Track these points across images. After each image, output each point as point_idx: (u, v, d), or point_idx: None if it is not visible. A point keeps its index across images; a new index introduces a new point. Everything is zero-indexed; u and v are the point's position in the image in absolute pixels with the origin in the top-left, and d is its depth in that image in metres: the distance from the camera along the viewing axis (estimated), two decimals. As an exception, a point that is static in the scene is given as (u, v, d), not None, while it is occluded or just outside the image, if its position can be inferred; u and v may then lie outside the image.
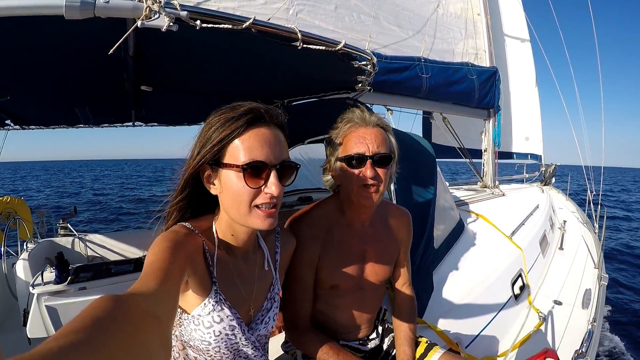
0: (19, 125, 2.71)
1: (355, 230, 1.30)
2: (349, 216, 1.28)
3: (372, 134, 1.15)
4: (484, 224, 2.94)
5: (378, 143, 1.14)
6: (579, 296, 2.85)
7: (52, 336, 0.37)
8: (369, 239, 1.31)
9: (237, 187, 0.81)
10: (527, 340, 2.17)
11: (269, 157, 0.82)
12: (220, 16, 0.90)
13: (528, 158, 5.89)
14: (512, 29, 5.56)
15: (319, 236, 1.24)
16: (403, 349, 1.32)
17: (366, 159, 1.13)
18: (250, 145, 0.81)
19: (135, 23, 0.86)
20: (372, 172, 1.13)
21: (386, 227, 1.36)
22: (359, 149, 1.14)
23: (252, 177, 0.81)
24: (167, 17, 0.85)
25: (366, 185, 1.14)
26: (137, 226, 11.33)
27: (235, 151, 0.81)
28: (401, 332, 1.36)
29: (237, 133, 0.81)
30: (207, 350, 0.92)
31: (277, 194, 0.82)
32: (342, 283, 1.28)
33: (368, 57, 1.35)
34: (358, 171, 1.14)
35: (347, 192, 1.20)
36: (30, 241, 2.81)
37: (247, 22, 0.92)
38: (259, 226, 0.84)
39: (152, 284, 0.62)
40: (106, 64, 1.57)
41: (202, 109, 2.82)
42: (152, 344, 0.48)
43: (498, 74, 4.13)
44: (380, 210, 1.35)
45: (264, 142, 0.82)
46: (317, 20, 3.00)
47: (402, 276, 1.44)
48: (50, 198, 19.78)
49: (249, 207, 0.83)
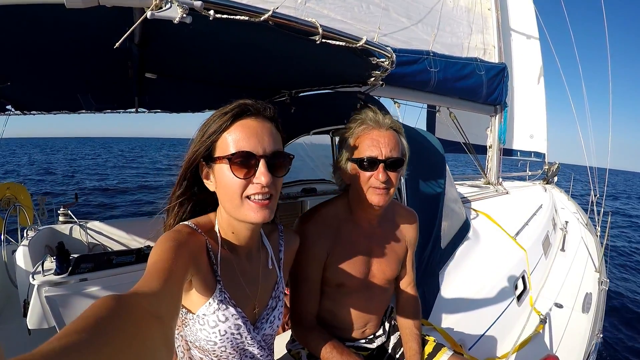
0: (19, 111, 2.66)
1: (363, 229, 1.31)
2: (358, 215, 1.29)
3: (386, 137, 1.16)
4: (489, 223, 2.93)
5: (391, 147, 1.15)
6: (580, 300, 2.85)
7: (54, 336, 0.37)
8: (376, 239, 1.32)
9: (227, 178, 0.82)
10: (528, 342, 2.17)
11: (256, 147, 0.82)
12: (236, 7, 0.85)
13: (532, 156, 5.87)
14: (521, 25, 5.49)
15: (328, 235, 1.25)
16: (410, 345, 1.34)
17: (378, 162, 1.14)
18: (237, 138, 0.82)
19: (144, 14, 0.80)
20: (384, 176, 1.14)
21: (394, 227, 1.38)
22: (371, 152, 1.15)
23: (239, 167, 0.81)
24: (180, 8, 0.79)
25: (377, 187, 1.16)
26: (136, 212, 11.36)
27: (224, 144, 0.83)
28: (406, 329, 1.38)
29: (225, 127, 0.83)
30: (213, 351, 0.92)
31: (266, 183, 0.82)
32: (348, 281, 1.28)
33: (388, 55, 1.30)
34: (369, 174, 1.16)
35: (357, 192, 1.21)
36: (30, 228, 2.79)
37: (265, 14, 0.86)
38: (252, 219, 0.84)
39: (155, 283, 0.62)
40: (110, 52, 1.51)
41: (207, 97, 2.78)
42: (154, 343, 0.48)
43: (507, 70, 4.08)
44: (388, 210, 1.36)
45: (251, 133, 0.83)
46: (326, 10, 2.93)
47: (407, 276, 1.45)
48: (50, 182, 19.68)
49: (241, 198, 0.83)
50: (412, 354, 1.31)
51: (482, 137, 4.60)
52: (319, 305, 1.31)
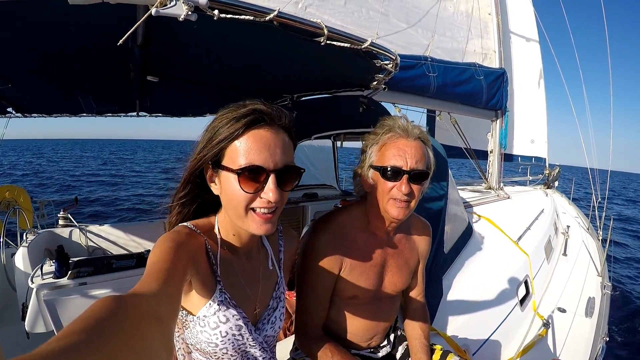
0: (20, 113, 2.65)
1: (378, 239, 1.27)
2: (374, 225, 1.25)
3: (413, 147, 1.11)
4: (491, 227, 2.92)
5: (417, 158, 1.10)
6: (582, 304, 2.84)
7: (54, 337, 0.37)
8: (391, 250, 1.29)
9: (233, 190, 0.80)
10: (532, 347, 2.16)
11: (267, 161, 0.78)
12: (241, 6, 0.84)
13: (532, 161, 5.87)
14: (520, 28, 5.51)
15: (343, 245, 1.20)
16: (419, 356, 1.31)
17: (403, 173, 1.09)
18: (248, 149, 0.78)
19: (149, 10, 0.79)
20: (407, 189, 1.09)
21: (408, 238, 1.34)
22: (396, 161, 1.10)
23: (248, 182, 0.78)
24: (186, 5, 0.78)
25: (398, 199, 1.11)
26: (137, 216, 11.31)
27: (233, 154, 0.79)
28: (416, 340, 1.35)
29: (236, 135, 0.78)
30: (215, 353, 0.90)
31: (274, 200, 0.79)
32: (361, 293, 1.25)
33: (392, 57, 1.29)
34: (392, 184, 1.11)
35: (376, 202, 1.17)
36: (30, 231, 2.76)
37: (271, 14, 0.86)
38: (255, 231, 0.82)
39: (154, 284, 0.62)
40: (111, 53, 1.51)
41: (209, 100, 2.78)
42: (153, 344, 0.48)
43: (506, 75, 4.09)
44: (404, 221, 1.29)
45: (263, 146, 0.79)
46: (326, 15, 2.93)
47: (418, 287, 1.43)
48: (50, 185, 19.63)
49: (245, 210, 0.81)
50: None
51: (482, 142, 4.59)
52: (327, 316, 1.27)
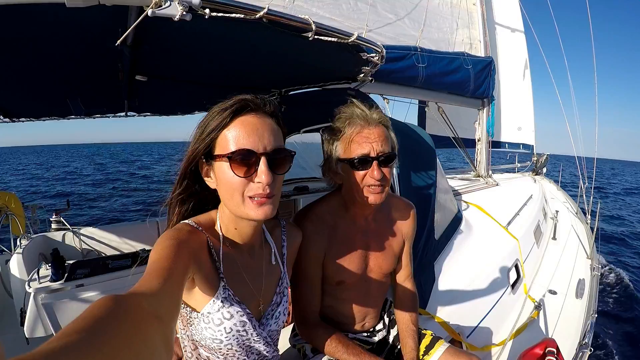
0: (8, 118, 2.61)
1: (359, 225, 1.30)
2: (353, 212, 1.28)
3: (376, 133, 1.13)
4: (480, 214, 2.98)
5: (382, 142, 1.12)
6: (573, 286, 2.92)
7: (54, 337, 0.37)
8: (372, 234, 1.32)
9: (227, 177, 0.81)
10: (524, 329, 2.22)
11: (257, 144, 0.81)
12: (232, 5, 0.86)
13: (520, 148, 5.96)
14: (505, 19, 5.55)
15: (324, 232, 1.24)
16: (406, 341, 1.35)
17: (372, 160, 1.11)
18: (237, 135, 0.81)
19: (145, 12, 0.80)
20: (379, 174, 1.11)
21: (390, 220, 1.37)
22: (363, 149, 1.12)
23: (240, 166, 0.80)
24: (180, 6, 0.79)
25: (372, 185, 1.13)
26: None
27: (223, 142, 0.81)
28: (403, 325, 1.38)
29: (224, 124, 0.81)
30: (220, 349, 0.91)
31: (267, 182, 0.81)
32: (348, 278, 1.28)
33: (378, 50, 1.31)
34: (364, 172, 1.13)
35: (352, 192, 1.19)
36: (23, 237, 2.74)
37: (260, 11, 0.87)
38: (254, 216, 0.83)
39: (155, 283, 0.62)
40: (100, 54, 1.50)
41: (197, 98, 2.77)
42: (153, 343, 0.48)
43: (494, 64, 4.14)
44: (384, 204, 1.32)
45: (251, 130, 0.81)
46: (315, 8, 2.94)
47: (404, 269, 1.45)
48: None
49: (242, 196, 0.82)
50: (408, 350, 1.32)
51: (470, 130, 4.64)
52: (320, 302, 1.31)
